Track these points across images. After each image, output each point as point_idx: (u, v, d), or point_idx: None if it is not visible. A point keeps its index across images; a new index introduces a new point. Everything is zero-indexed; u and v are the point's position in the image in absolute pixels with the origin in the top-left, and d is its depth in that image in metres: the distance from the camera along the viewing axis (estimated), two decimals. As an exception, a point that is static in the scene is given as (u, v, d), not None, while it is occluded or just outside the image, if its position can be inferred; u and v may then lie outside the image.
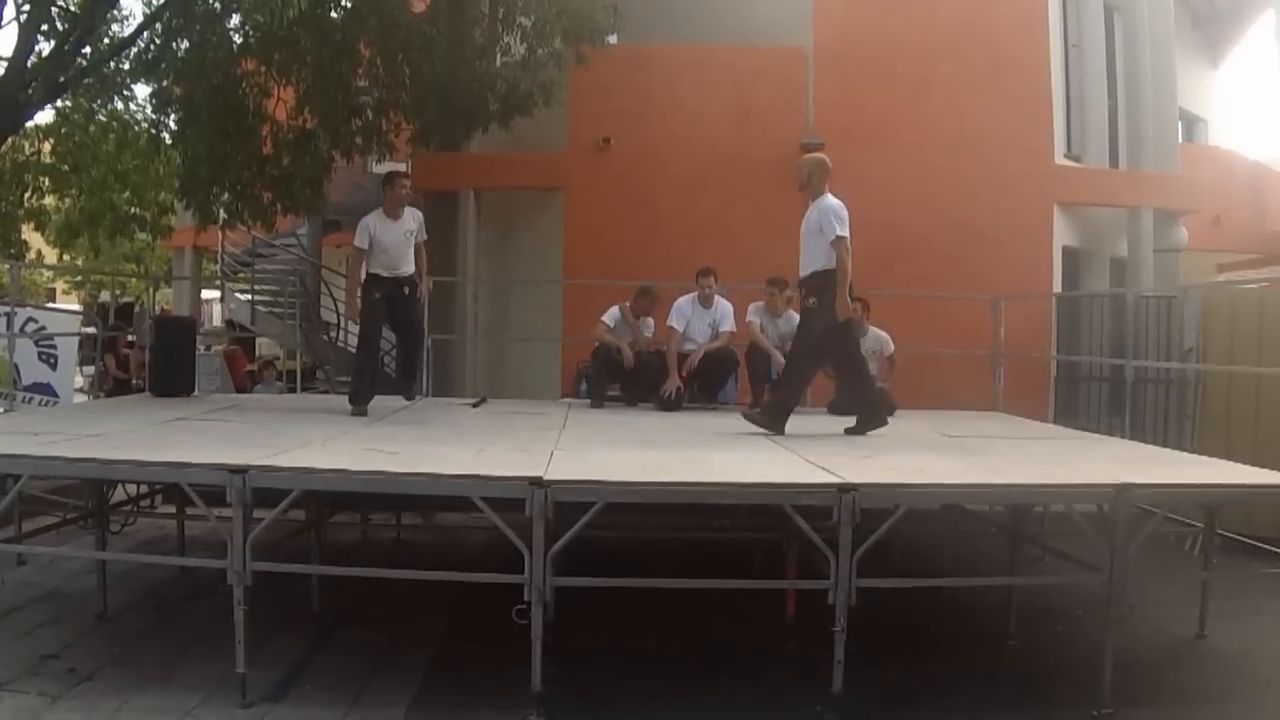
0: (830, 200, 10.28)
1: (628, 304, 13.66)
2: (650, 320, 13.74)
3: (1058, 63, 20.30)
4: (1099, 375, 17.96)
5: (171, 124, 17.80)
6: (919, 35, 18.66)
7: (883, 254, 17.16)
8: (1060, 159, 19.93)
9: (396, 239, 11.60)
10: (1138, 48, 20.41)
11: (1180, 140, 22.63)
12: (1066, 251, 19.82)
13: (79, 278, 46.92)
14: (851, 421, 10.64)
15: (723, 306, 13.52)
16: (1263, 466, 8.97)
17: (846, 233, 10.11)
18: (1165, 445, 12.39)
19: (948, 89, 18.57)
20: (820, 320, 10.26)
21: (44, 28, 15.91)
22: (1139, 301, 16.30)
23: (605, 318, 13.56)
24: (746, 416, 10.60)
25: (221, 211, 17.82)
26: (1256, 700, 8.22)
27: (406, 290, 11.72)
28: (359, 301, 11.57)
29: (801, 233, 10.50)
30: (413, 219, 11.78)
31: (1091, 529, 7.71)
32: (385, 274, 11.50)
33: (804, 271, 10.48)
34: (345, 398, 12.00)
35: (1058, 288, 19.14)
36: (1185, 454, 10.77)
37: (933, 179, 18.16)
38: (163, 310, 25.04)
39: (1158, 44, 20.59)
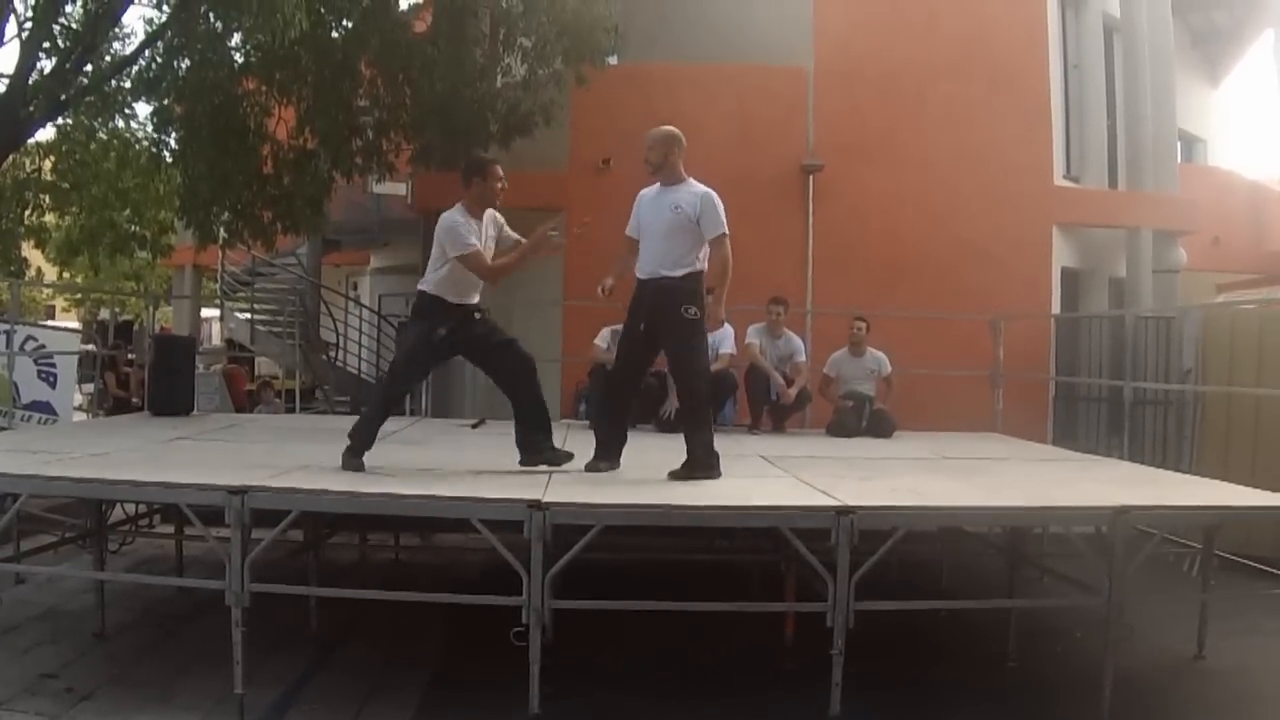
0: (702, 187, 9.28)
1: (619, 326, 13.65)
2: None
3: (1057, 83, 20.35)
4: (1098, 396, 17.96)
5: (172, 142, 17.78)
6: (919, 54, 18.69)
7: (883, 274, 17.20)
8: (1060, 179, 19.96)
9: (485, 248, 9.32)
10: (1137, 67, 20.42)
11: (1179, 160, 22.64)
12: (1066, 272, 19.83)
13: (79, 296, 46.92)
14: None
15: (723, 328, 13.52)
16: (1262, 488, 8.98)
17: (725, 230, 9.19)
18: (1164, 466, 12.39)
19: (947, 109, 18.60)
20: (700, 331, 9.27)
21: (46, 45, 15.94)
22: (1138, 322, 16.31)
23: (598, 339, 13.55)
24: (674, 475, 9.05)
25: (221, 230, 17.83)
26: (1255, 721, 8.24)
27: (478, 316, 9.36)
28: (425, 326, 9.10)
29: (647, 222, 9.45)
30: (494, 224, 9.59)
31: (1090, 550, 7.73)
32: (454, 300, 9.08)
33: (666, 271, 9.25)
34: (345, 417, 11.76)
35: (1057, 308, 19.14)
36: (1184, 475, 10.80)
37: (932, 199, 18.19)
38: (162, 329, 25.08)
39: (1157, 64, 20.61)
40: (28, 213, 22.72)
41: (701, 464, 8.81)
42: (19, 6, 16.54)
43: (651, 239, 9.26)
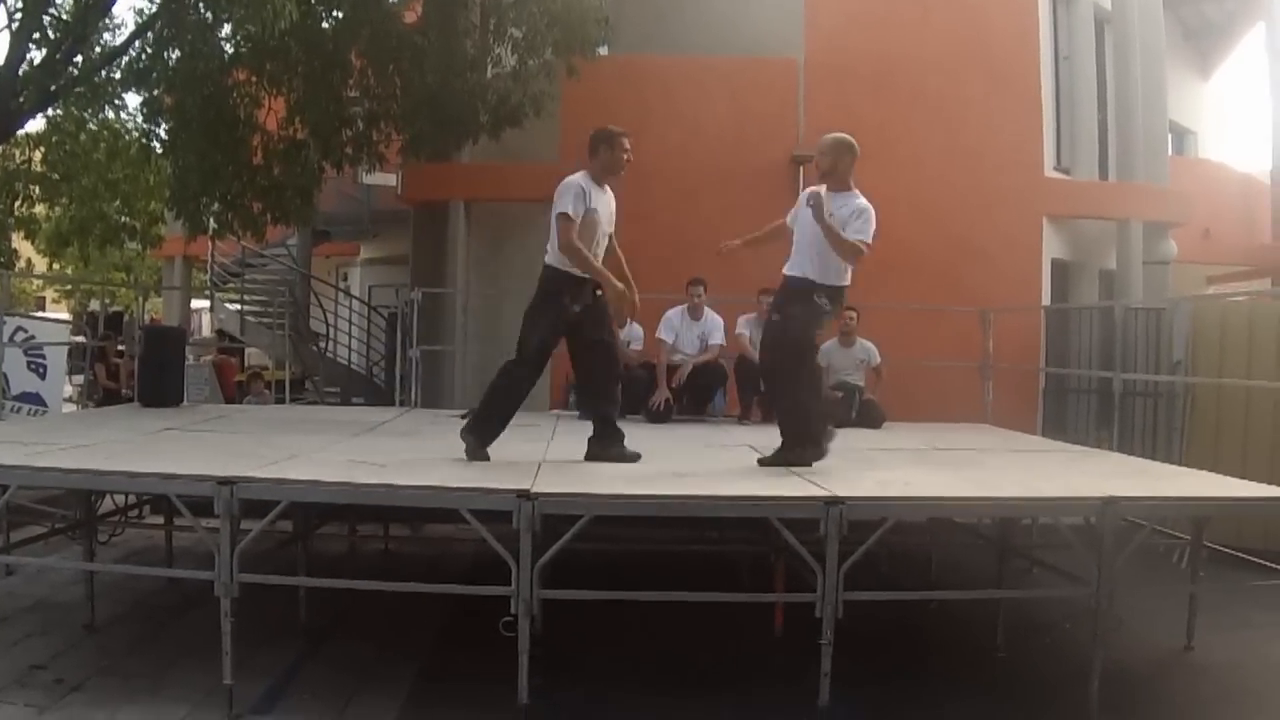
0: (863, 201, 9.47)
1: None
2: (638, 329, 13.73)
3: (1048, 75, 20.34)
4: (1088, 388, 17.99)
5: (162, 133, 17.70)
6: (910, 47, 18.68)
7: (873, 266, 17.01)
8: (1050, 171, 19.96)
9: (605, 218, 9.33)
10: (1128, 60, 20.43)
11: (1170, 153, 22.66)
12: (1056, 264, 19.84)
13: (68, 287, 46.87)
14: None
15: (712, 319, 13.54)
16: (1251, 479, 8.99)
17: (869, 242, 9.25)
18: (1154, 458, 12.38)
19: (938, 100, 18.58)
20: (807, 325, 9.20)
21: (36, 36, 15.87)
22: (1128, 314, 16.30)
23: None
24: (765, 462, 9.12)
25: (211, 221, 17.79)
26: (1244, 713, 8.26)
27: (598, 294, 9.13)
28: (561, 305, 8.97)
29: (804, 220, 9.33)
30: (612, 202, 9.50)
31: (1079, 542, 7.74)
32: (580, 272, 8.94)
33: (805, 272, 9.22)
34: (335, 408, 11.76)
35: (1047, 300, 19.14)
36: (1173, 467, 10.80)
37: (923, 191, 18.17)
38: (152, 320, 25.04)
39: (1148, 56, 20.62)
40: (17, 204, 22.64)
41: (792, 448, 8.91)
42: (8, -4, 16.53)
43: (800, 239, 9.29)
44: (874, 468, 9.06)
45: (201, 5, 15.48)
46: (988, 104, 18.71)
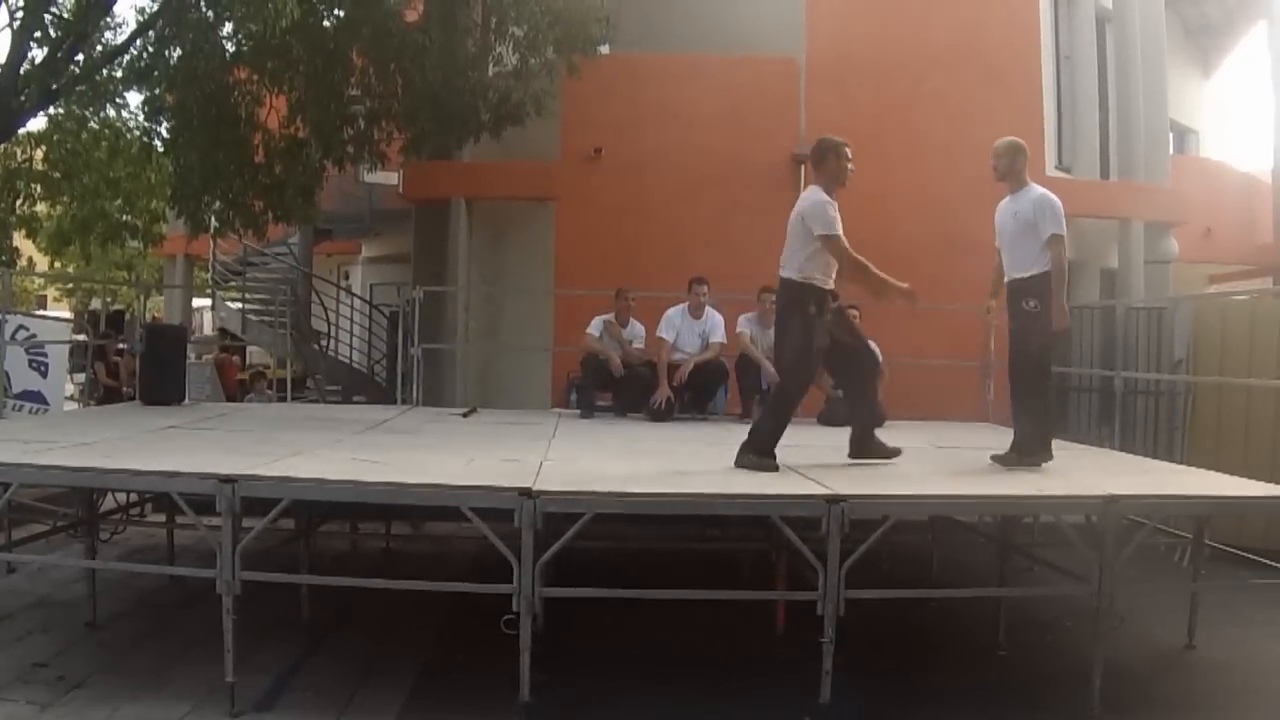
0: (1039, 190, 9.61)
1: (611, 316, 13.66)
2: (640, 328, 13.73)
3: (1049, 74, 20.33)
4: (1089, 386, 17.98)
5: (163, 132, 17.74)
6: (911, 46, 18.67)
7: (875, 263, 17.16)
8: (1051, 170, 19.91)
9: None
10: (1129, 59, 20.41)
11: (1171, 152, 22.65)
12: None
13: (70, 285, 46.87)
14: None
15: (713, 318, 13.54)
16: (1253, 478, 9.00)
17: (1063, 230, 9.41)
18: (1155, 456, 12.40)
19: (939, 99, 18.56)
20: (1040, 328, 9.40)
21: (37, 34, 15.86)
22: (1129, 313, 16.32)
23: (589, 329, 13.58)
24: (1000, 460, 9.30)
25: (213, 220, 17.82)
26: (1245, 711, 8.24)
27: (835, 301, 9.27)
28: (807, 315, 8.97)
29: (1001, 228, 9.74)
30: None
31: (1080, 540, 7.74)
32: (823, 284, 9.09)
33: (1016, 273, 9.51)
34: (336, 406, 11.79)
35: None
36: (1174, 465, 10.82)
37: (924, 189, 18.16)
38: (154, 318, 25.04)
39: (1149, 55, 20.61)
40: (19, 202, 22.61)
41: (1026, 449, 9.08)
42: (10, -5, 16.53)
43: (1005, 246, 9.67)
44: (875, 466, 9.06)
45: (203, 3, 15.50)
46: (988, 102, 18.68)
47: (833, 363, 9.51)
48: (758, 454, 8.71)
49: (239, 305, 24.05)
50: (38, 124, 20.58)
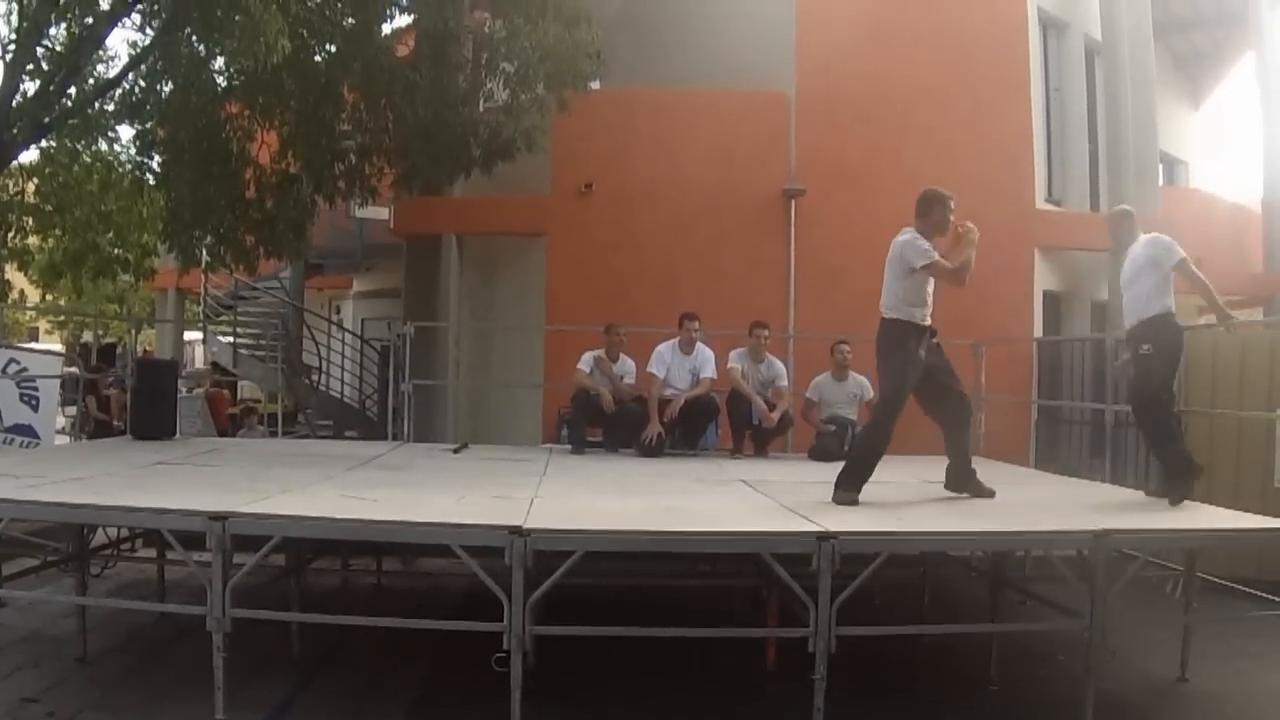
0: (1150, 236, 10.42)
1: (601, 352, 13.66)
2: (630, 364, 13.73)
3: (1039, 106, 20.37)
4: (1080, 419, 17.99)
5: (155, 165, 17.77)
6: (901, 79, 18.72)
7: (865, 298, 17.08)
8: (1042, 203, 19.97)
9: None
10: (1119, 90, 20.46)
11: (1161, 183, 22.69)
12: (1047, 295, 19.84)
13: (62, 318, 46.82)
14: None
15: (704, 353, 13.55)
16: (1244, 509, 9.02)
17: (1184, 253, 10.16)
18: (1147, 489, 12.41)
19: (929, 132, 18.61)
20: (1160, 368, 9.84)
21: (29, 68, 15.89)
22: (1120, 345, 16.34)
23: (580, 364, 13.58)
24: (1155, 494, 9.58)
25: (204, 254, 17.83)
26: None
27: (934, 339, 9.76)
28: (907, 351, 9.45)
29: (1125, 281, 10.48)
30: None
31: (1072, 574, 7.74)
32: (920, 320, 9.65)
33: (1132, 319, 10.15)
34: (328, 442, 11.80)
35: (1039, 332, 19.14)
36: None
37: (913, 222, 18.19)
38: (145, 351, 25.02)
39: (1139, 86, 20.65)
40: (11, 235, 22.60)
41: (1176, 480, 9.27)
42: (2, 29, 16.57)
43: (1125, 296, 10.39)
44: (866, 501, 9.05)
45: (194, 38, 15.50)
46: (978, 135, 18.75)
47: (923, 396, 9.73)
48: (845, 490, 8.95)
49: (230, 339, 24.05)
50: (30, 157, 20.62)
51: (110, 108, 17.92)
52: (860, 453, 9.46)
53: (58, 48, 16.68)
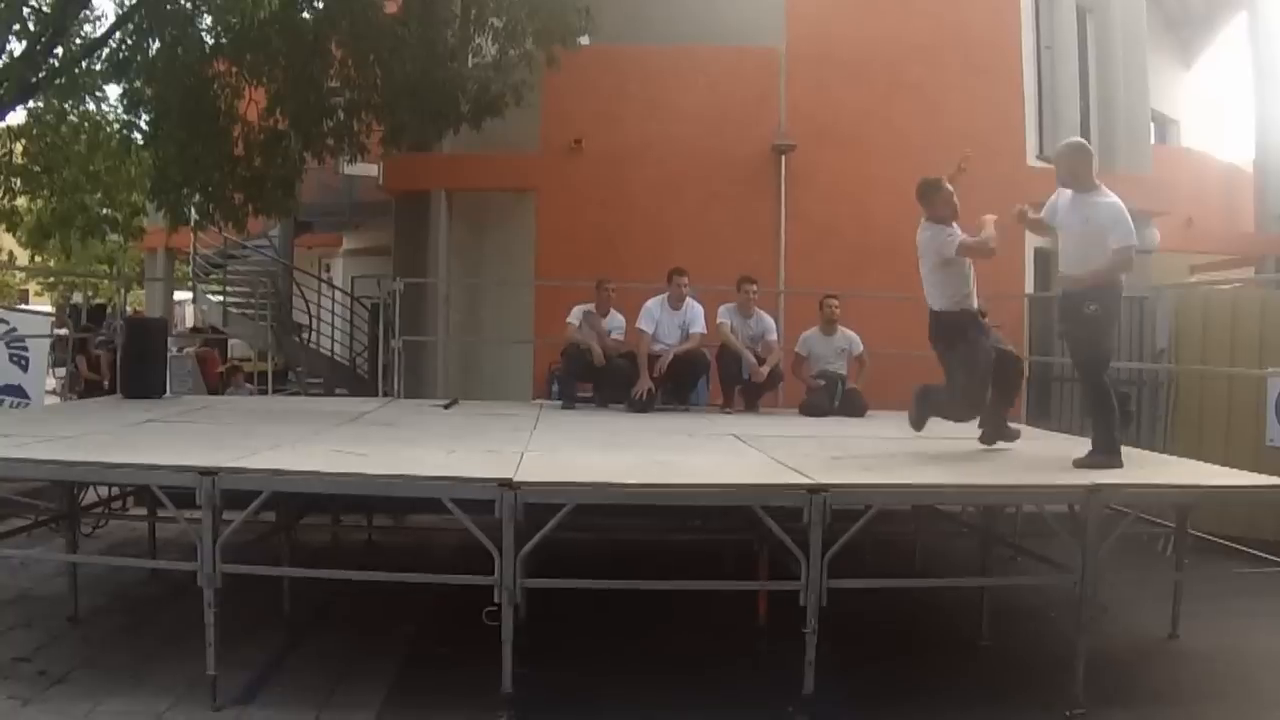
0: (1112, 198, 9.22)
1: (591, 306, 13.63)
2: (620, 319, 13.70)
3: (1030, 65, 20.33)
4: (1071, 376, 17.98)
5: (143, 125, 17.70)
6: (891, 37, 18.68)
7: (855, 256, 17.17)
8: (1033, 161, 19.93)
9: None
10: (1110, 49, 20.44)
11: (1153, 142, 22.69)
12: (1039, 253, 19.80)
13: (51, 279, 46.74)
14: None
15: (693, 308, 13.51)
16: (1235, 467, 9.02)
17: (1134, 242, 8.95)
18: (1138, 446, 12.38)
19: (920, 90, 18.58)
20: (1108, 329, 9.26)
21: (15, 28, 15.82)
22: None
23: (569, 318, 13.56)
24: (1081, 464, 8.81)
25: (192, 213, 17.77)
26: (1229, 700, 8.23)
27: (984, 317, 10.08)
28: (970, 336, 9.80)
29: (1066, 225, 9.54)
30: None
31: (1063, 530, 7.74)
32: (972, 305, 10.03)
33: (1078, 272, 9.16)
34: (318, 399, 11.79)
35: (1030, 289, 19.14)
36: (1157, 454, 10.81)
37: (904, 179, 18.08)
38: (135, 311, 24.97)
39: (1130, 46, 20.63)
40: (-1, 196, 22.59)
41: (1102, 451, 8.74)
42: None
43: (1068, 243, 9.58)
44: (857, 456, 9.05)
45: (181, -5, 15.47)
46: (969, 93, 18.71)
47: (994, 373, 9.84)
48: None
49: (220, 298, 24.02)
50: (17, 118, 20.53)
51: (97, 67, 17.90)
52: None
53: (44, 7, 16.61)
